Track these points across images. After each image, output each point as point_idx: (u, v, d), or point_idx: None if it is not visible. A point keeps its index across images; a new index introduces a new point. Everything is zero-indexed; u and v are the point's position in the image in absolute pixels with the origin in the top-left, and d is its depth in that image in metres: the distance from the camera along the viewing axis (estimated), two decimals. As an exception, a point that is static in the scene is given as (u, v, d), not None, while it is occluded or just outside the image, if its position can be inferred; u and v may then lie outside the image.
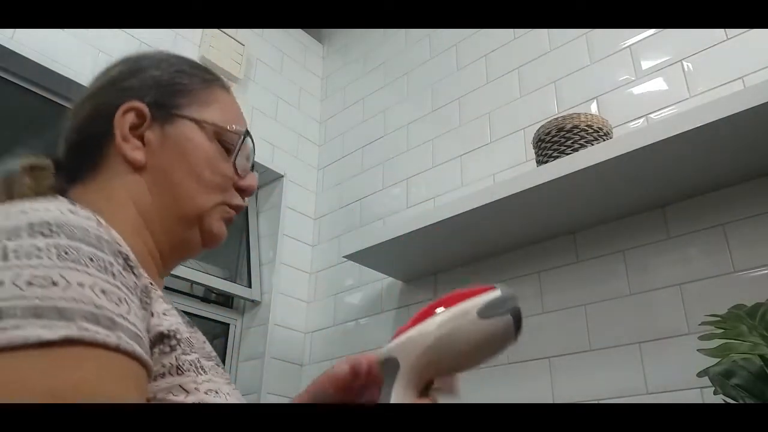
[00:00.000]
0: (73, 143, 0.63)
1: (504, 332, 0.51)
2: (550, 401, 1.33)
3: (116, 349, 0.39)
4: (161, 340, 0.49)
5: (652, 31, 1.49)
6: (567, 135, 1.30)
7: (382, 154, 2.05)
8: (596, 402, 1.26)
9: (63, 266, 0.40)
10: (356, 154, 2.15)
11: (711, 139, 1.10)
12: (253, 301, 1.98)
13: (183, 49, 1.94)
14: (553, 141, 1.32)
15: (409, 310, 1.73)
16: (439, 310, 0.53)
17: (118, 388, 0.39)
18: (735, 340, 0.88)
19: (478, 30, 1.91)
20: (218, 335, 1.96)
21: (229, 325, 1.97)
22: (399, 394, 0.52)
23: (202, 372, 0.51)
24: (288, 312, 1.97)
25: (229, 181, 0.64)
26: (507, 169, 1.63)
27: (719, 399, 0.90)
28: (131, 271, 0.47)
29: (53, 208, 0.45)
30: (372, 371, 0.58)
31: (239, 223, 2.11)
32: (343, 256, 1.67)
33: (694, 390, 1.13)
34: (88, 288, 0.40)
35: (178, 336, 0.50)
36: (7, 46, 1.51)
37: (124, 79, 0.64)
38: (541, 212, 1.38)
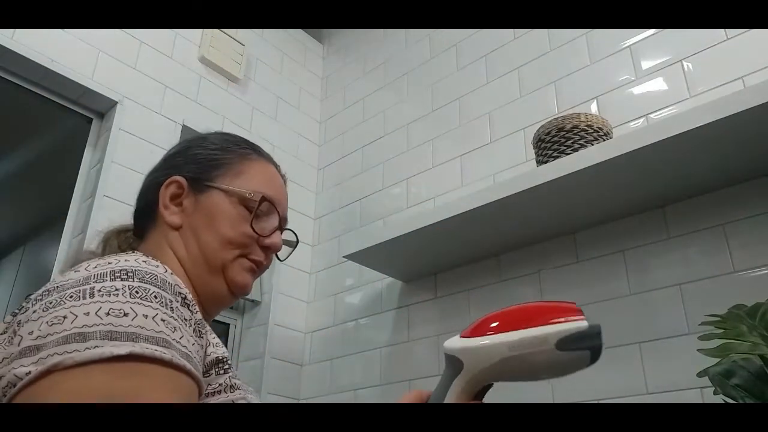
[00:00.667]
0: (138, 209, 0.79)
1: (577, 365, 0.50)
2: (550, 401, 1.33)
3: (169, 364, 0.50)
4: (217, 364, 0.61)
5: (652, 31, 1.49)
6: (567, 135, 1.30)
7: (382, 154, 2.05)
8: (596, 402, 1.26)
9: (133, 302, 0.53)
10: (356, 154, 2.15)
11: (711, 139, 1.10)
12: (253, 301, 1.98)
13: (183, 49, 1.94)
14: (553, 141, 1.32)
15: (409, 310, 1.73)
16: (516, 329, 0.51)
17: (164, 394, 0.49)
18: (735, 340, 0.88)
19: (478, 30, 1.91)
20: (218, 335, 1.96)
21: (229, 325, 1.97)
22: (455, 392, 0.54)
23: (239, 389, 0.63)
24: (288, 312, 1.97)
25: (252, 240, 0.75)
26: (507, 169, 1.63)
27: (719, 399, 0.90)
28: (188, 307, 0.58)
29: (131, 260, 0.58)
30: None
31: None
32: (343, 256, 1.67)
33: (694, 390, 1.13)
34: (151, 318, 0.52)
35: (230, 361, 0.64)
36: (7, 46, 1.51)
37: (174, 158, 0.79)
38: (541, 212, 1.38)
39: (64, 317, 0.50)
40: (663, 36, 1.46)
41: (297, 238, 0.88)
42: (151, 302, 0.54)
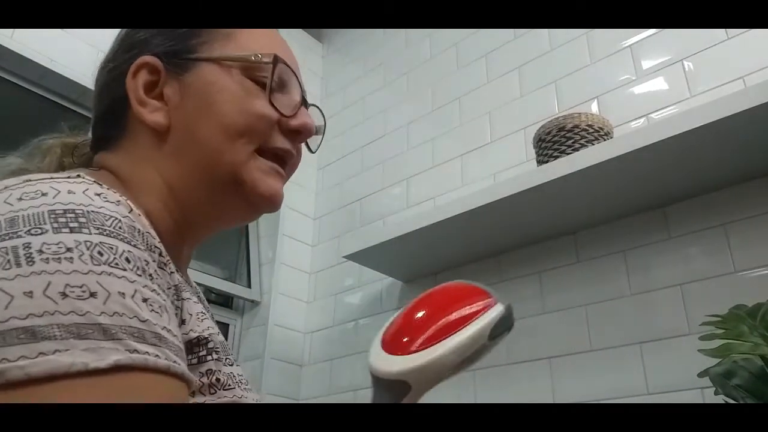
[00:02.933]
0: (98, 113, 0.57)
1: (497, 346, 0.49)
2: (551, 401, 1.33)
3: (166, 372, 0.36)
4: (197, 345, 0.45)
5: (652, 30, 1.49)
6: (567, 135, 1.30)
7: (382, 153, 2.05)
8: (597, 402, 1.26)
9: (99, 271, 0.35)
10: (356, 154, 2.15)
11: (712, 138, 1.10)
12: (252, 301, 1.98)
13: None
14: (554, 141, 1.32)
15: (409, 310, 1.73)
16: (449, 333, 0.48)
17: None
18: (736, 340, 0.88)
19: (479, 30, 1.91)
20: (218, 335, 1.96)
21: (228, 325, 1.97)
22: None
23: (231, 386, 0.47)
24: (288, 312, 1.97)
25: (270, 122, 0.53)
26: (507, 168, 1.63)
27: (720, 399, 0.90)
28: (164, 267, 0.42)
29: (78, 191, 0.39)
30: None
31: (239, 223, 2.10)
32: (343, 256, 1.67)
33: (694, 390, 1.13)
34: (129, 298, 0.36)
35: (210, 344, 0.46)
36: (7, 46, 1.51)
37: (131, 36, 0.56)
38: (541, 212, 1.38)
39: None
40: (663, 36, 1.46)
41: (324, 118, 0.62)
42: (124, 269, 0.36)
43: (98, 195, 0.40)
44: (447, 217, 1.41)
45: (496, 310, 0.48)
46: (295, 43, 2.57)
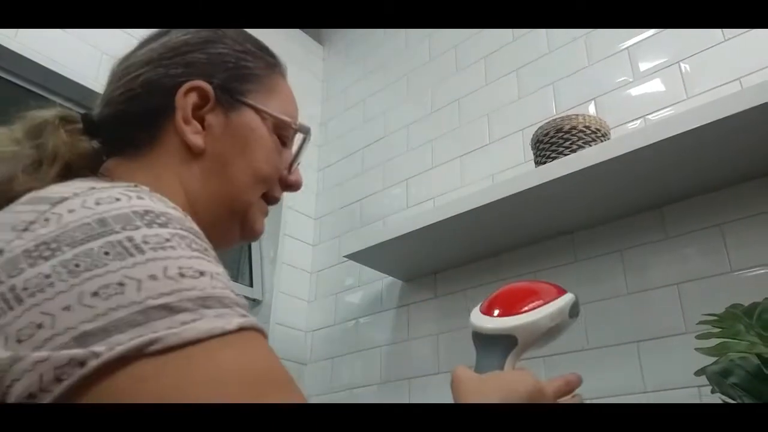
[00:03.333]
0: (123, 112, 0.57)
1: (569, 327, 0.64)
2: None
3: (262, 331, 0.42)
4: None
5: (649, 32, 1.50)
6: (565, 136, 1.31)
7: (383, 154, 2.06)
8: (593, 401, 1.26)
9: (198, 256, 0.41)
10: (357, 155, 2.16)
11: (708, 140, 1.11)
12: (254, 300, 1.98)
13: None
14: (552, 142, 1.32)
15: (408, 309, 1.74)
16: (534, 302, 0.64)
17: (279, 365, 0.42)
18: (732, 339, 0.88)
19: (478, 32, 1.92)
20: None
21: (229, 324, 1.97)
22: (511, 365, 0.62)
23: None
24: (289, 311, 1.98)
25: (278, 175, 0.62)
26: (506, 169, 1.64)
27: (717, 398, 0.91)
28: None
29: (145, 197, 0.43)
30: None
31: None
32: (344, 256, 1.68)
33: (691, 389, 1.14)
34: (224, 277, 0.42)
35: None
36: (7, 46, 1.52)
37: (189, 52, 0.58)
38: (539, 212, 1.38)
39: (121, 284, 0.37)
40: (661, 37, 1.47)
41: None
42: (206, 255, 0.42)
43: (159, 200, 0.44)
44: (447, 217, 1.42)
45: (570, 296, 0.64)
46: (295, 45, 2.57)
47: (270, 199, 0.63)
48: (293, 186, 0.65)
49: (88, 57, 1.68)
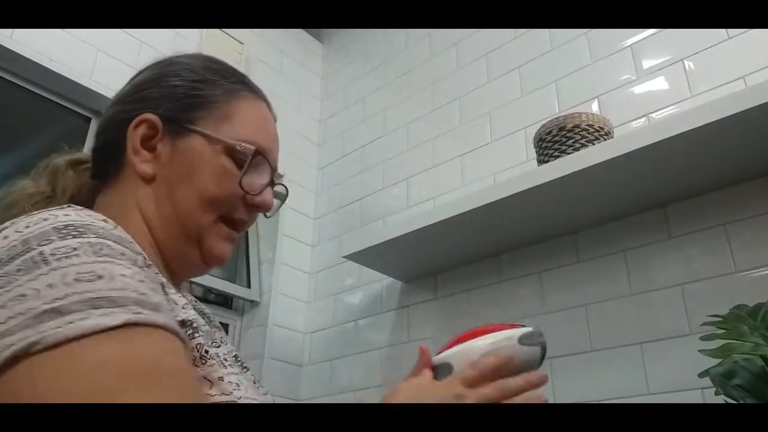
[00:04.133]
0: (97, 147, 0.65)
1: (533, 359, 0.63)
2: (551, 401, 1.33)
3: (164, 327, 0.44)
4: (182, 325, 0.51)
5: (653, 30, 1.49)
6: (568, 134, 1.30)
7: (382, 153, 2.05)
8: (597, 402, 1.26)
9: (102, 261, 0.44)
10: (356, 154, 2.15)
11: (712, 138, 1.10)
12: (252, 301, 1.97)
13: (182, 48, 1.94)
14: (554, 140, 1.31)
15: (408, 310, 1.73)
16: (479, 336, 0.66)
17: (171, 358, 0.43)
18: (736, 340, 0.87)
19: (479, 29, 1.91)
20: (218, 335, 1.96)
21: (228, 325, 1.96)
22: None
23: (225, 366, 0.54)
24: (287, 312, 1.97)
25: (238, 198, 0.63)
26: (508, 168, 1.63)
27: (720, 399, 0.90)
28: (149, 267, 0.50)
29: (72, 213, 0.48)
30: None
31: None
32: (343, 257, 1.67)
33: (695, 390, 1.13)
34: (129, 278, 0.44)
35: (195, 325, 0.53)
36: (7, 46, 1.51)
37: (145, 88, 0.64)
38: (541, 212, 1.37)
39: (23, 295, 0.40)
40: (664, 35, 1.46)
41: (287, 191, 0.75)
42: (121, 261, 0.45)
43: (89, 215, 0.49)
44: (447, 217, 1.41)
45: (526, 328, 0.65)
46: (295, 42, 2.56)
47: (234, 222, 0.64)
48: (260, 207, 0.66)
49: (86, 56, 1.67)
